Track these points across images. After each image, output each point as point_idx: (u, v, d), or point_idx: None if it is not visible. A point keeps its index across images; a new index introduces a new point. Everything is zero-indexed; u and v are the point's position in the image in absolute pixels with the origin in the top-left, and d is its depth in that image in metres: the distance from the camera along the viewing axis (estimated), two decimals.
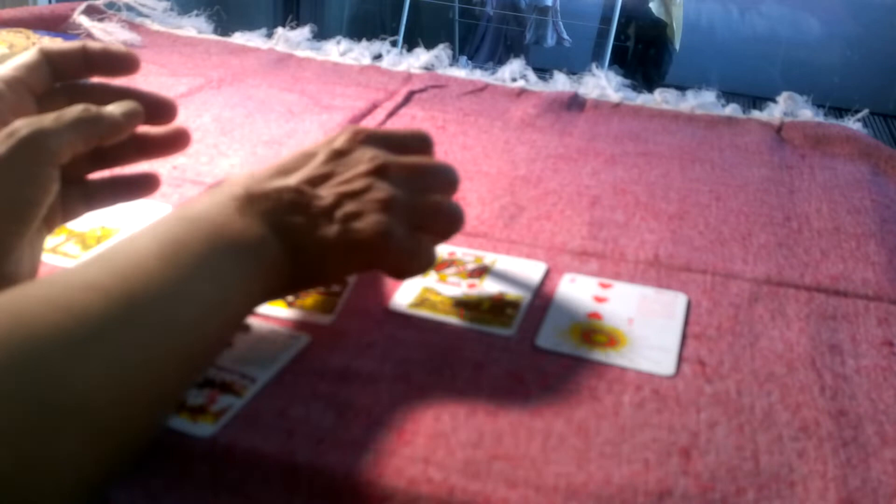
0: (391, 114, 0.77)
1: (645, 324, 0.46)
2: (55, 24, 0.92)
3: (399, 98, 0.80)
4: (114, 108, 0.43)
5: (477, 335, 0.44)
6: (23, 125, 0.39)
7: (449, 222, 0.44)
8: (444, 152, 0.69)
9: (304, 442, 0.36)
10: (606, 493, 0.35)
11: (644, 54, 2.99)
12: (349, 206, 0.40)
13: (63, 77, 0.46)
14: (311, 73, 0.87)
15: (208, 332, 0.36)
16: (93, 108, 0.41)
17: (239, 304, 0.38)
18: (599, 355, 0.43)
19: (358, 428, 0.37)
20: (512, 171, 0.66)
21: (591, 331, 0.45)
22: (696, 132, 0.78)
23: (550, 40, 2.96)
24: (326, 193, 0.41)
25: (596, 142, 0.73)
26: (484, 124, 0.76)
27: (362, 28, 3.23)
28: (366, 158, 0.42)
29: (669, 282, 0.51)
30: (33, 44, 0.75)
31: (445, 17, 3.04)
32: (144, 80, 0.80)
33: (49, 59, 0.45)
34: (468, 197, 0.62)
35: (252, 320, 0.43)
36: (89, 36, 0.91)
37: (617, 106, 0.84)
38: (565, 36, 2.98)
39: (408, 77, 0.87)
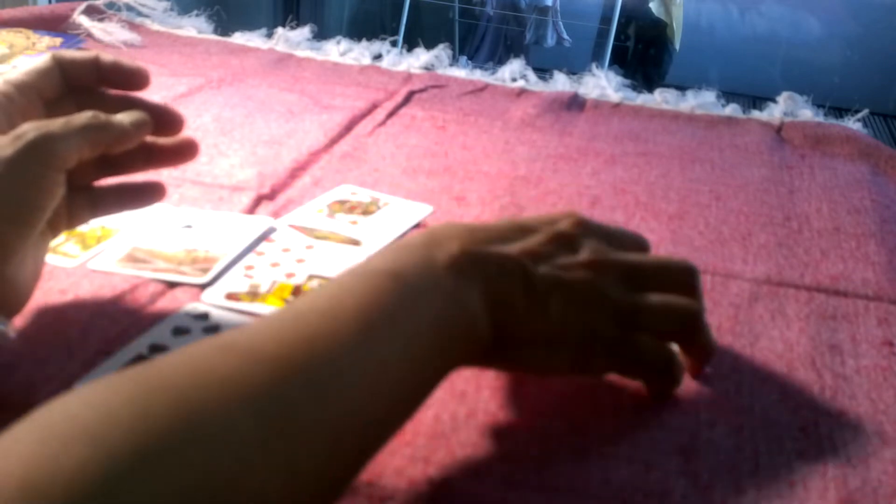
0: (391, 114, 0.77)
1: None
2: (55, 24, 0.92)
3: (399, 98, 0.80)
4: (122, 117, 0.42)
5: None
6: (30, 128, 0.38)
7: (672, 322, 0.39)
8: (445, 152, 0.69)
9: None
10: (606, 493, 0.35)
11: (644, 54, 2.99)
12: (565, 296, 0.37)
13: (74, 85, 0.46)
14: (311, 73, 0.87)
15: (395, 408, 0.32)
16: (101, 116, 0.41)
17: (436, 380, 0.34)
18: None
19: None
20: (512, 171, 0.66)
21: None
22: (696, 132, 0.78)
23: (550, 40, 2.96)
24: (544, 273, 0.37)
25: (596, 142, 0.73)
26: (484, 124, 0.76)
27: (362, 28, 3.23)
28: (589, 248, 0.39)
29: None
30: (33, 44, 0.75)
31: (445, 17, 3.04)
32: None
33: (61, 67, 0.45)
34: (468, 197, 0.62)
35: (239, 316, 0.43)
36: (89, 36, 0.91)
37: (617, 106, 0.84)
38: (565, 36, 2.98)
39: (408, 77, 0.87)
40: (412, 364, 0.32)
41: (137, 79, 0.46)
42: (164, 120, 0.46)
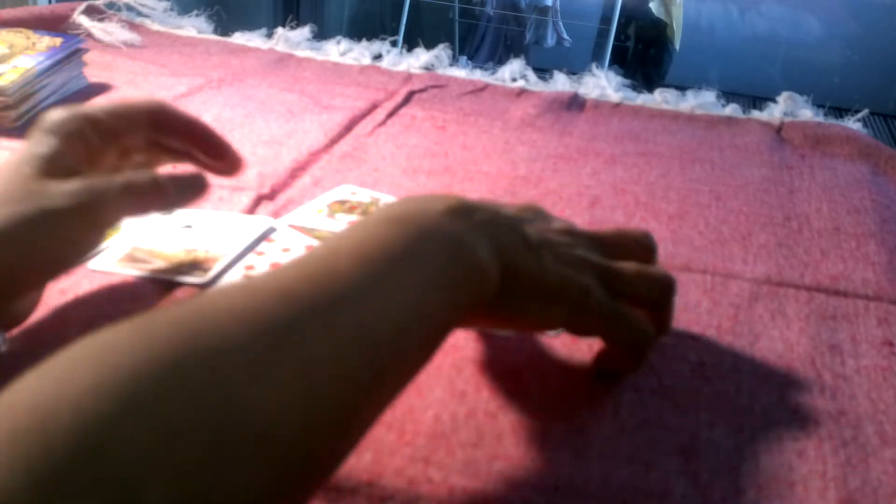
0: (391, 114, 0.77)
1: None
2: (55, 24, 0.92)
3: (399, 98, 0.80)
4: (175, 186, 0.43)
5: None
6: (84, 190, 0.39)
7: (650, 289, 0.41)
8: (445, 152, 0.69)
9: None
10: (606, 493, 0.35)
11: (644, 54, 2.99)
12: (556, 253, 0.39)
13: (159, 131, 0.46)
14: (311, 73, 0.87)
15: (407, 346, 0.32)
16: (159, 182, 0.42)
17: (444, 316, 0.34)
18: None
19: None
20: (512, 171, 0.66)
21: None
22: (696, 132, 0.78)
23: (550, 40, 2.96)
24: (533, 229, 0.39)
25: (596, 142, 0.73)
26: (484, 124, 0.76)
27: (362, 28, 3.23)
28: (558, 221, 0.42)
29: None
30: (33, 44, 0.75)
31: (445, 17, 3.04)
32: (145, 80, 0.80)
33: (159, 116, 0.45)
34: (468, 197, 0.62)
35: None
36: (89, 36, 0.91)
37: (617, 106, 0.84)
38: (565, 36, 2.98)
39: (408, 77, 0.87)
40: (416, 294, 0.32)
41: (230, 164, 0.48)
42: (225, 164, 0.47)
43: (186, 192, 0.44)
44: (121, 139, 0.44)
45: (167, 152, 0.47)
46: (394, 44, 0.97)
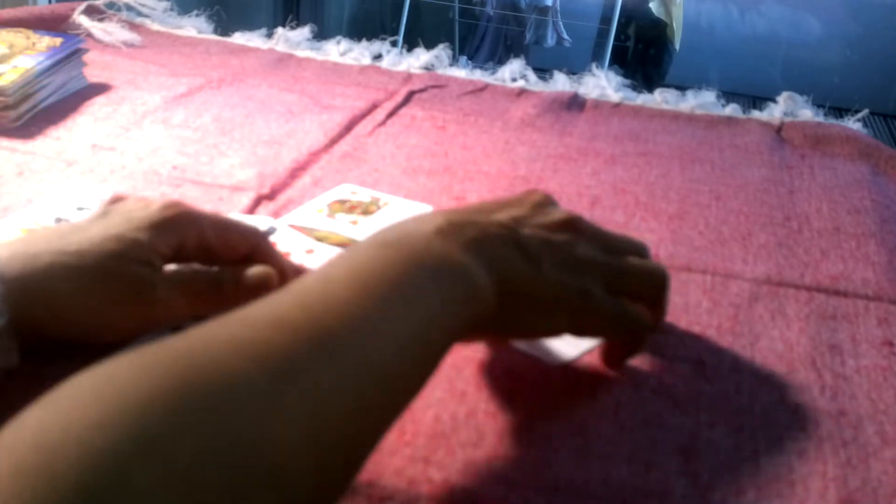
0: (391, 114, 0.77)
1: None
2: (55, 24, 0.92)
3: (399, 98, 0.80)
4: (238, 286, 0.42)
5: None
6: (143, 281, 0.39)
7: (648, 284, 0.42)
8: (445, 152, 0.69)
9: None
10: (606, 493, 0.35)
11: (644, 54, 2.99)
12: (554, 257, 0.38)
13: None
14: (311, 73, 0.87)
15: (409, 368, 0.32)
16: (220, 285, 0.42)
17: (441, 337, 0.34)
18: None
19: None
20: (512, 171, 0.66)
21: None
22: (696, 132, 0.78)
23: (550, 40, 2.96)
24: (530, 234, 0.39)
25: (596, 142, 0.73)
26: (484, 124, 0.76)
27: (362, 28, 3.22)
28: (559, 211, 0.41)
29: None
30: (33, 44, 0.75)
31: (445, 17, 3.03)
32: (145, 80, 0.80)
33: (252, 253, 0.43)
34: (468, 197, 0.62)
35: None
36: (89, 36, 0.91)
37: (617, 106, 0.84)
38: (565, 36, 2.98)
39: (408, 77, 0.87)
40: (413, 318, 0.32)
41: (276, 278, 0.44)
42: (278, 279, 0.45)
43: (250, 292, 0.41)
44: (210, 257, 0.43)
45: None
46: (394, 44, 0.97)
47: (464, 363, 0.42)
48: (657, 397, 0.41)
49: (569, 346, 0.42)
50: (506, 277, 0.36)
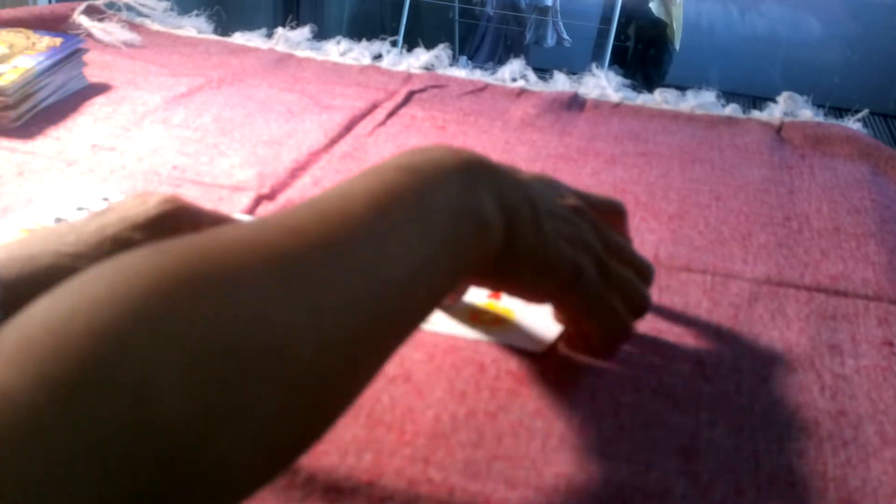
0: (391, 114, 0.77)
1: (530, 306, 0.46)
2: (55, 24, 0.92)
3: (399, 98, 0.80)
4: None
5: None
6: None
7: (636, 298, 0.42)
8: None
9: None
10: (606, 493, 0.35)
11: (644, 54, 2.98)
12: (561, 228, 0.39)
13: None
14: (311, 73, 0.87)
15: (414, 290, 0.32)
16: None
17: (449, 267, 0.34)
18: (479, 334, 0.44)
19: (358, 428, 0.37)
20: None
21: (480, 311, 0.46)
22: (696, 132, 0.78)
23: (550, 40, 2.96)
24: (545, 201, 0.40)
25: (596, 142, 0.73)
26: (484, 124, 0.76)
27: (362, 28, 3.22)
28: (571, 195, 0.42)
29: (669, 282, 0.51)
30: (33, 44, 0.75)
31: (445, 17, 3.03)
32: (145, 80, 0.80)
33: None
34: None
35: None
36: (89, 36, 0.91)
37: (617, 106, 0.84)
38: (565, 36, 2.98)
39: (408, 77, 0.87)
40: (424, 243, 0.33)
41: None
42: None
43: None
44: None
45: None
46: (394, 44, 0.97)
47: (464, 363, 0.42)
48: (657, 397, 0.41)
49: (545, 331, 0.44)
50: (513, 226, 0.37)
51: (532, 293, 0.41)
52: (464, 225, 0.35)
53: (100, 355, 0.22)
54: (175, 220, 0.41)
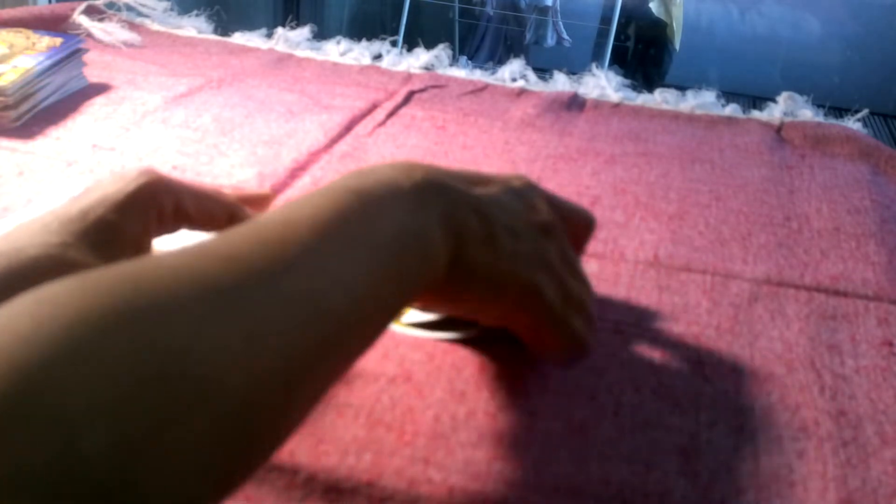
0: (391, 114, 0.77)
1: None
2: (55, 24, 0.92)
3: (399, 98, 0.80)
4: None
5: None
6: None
7: (588, 324, 0.41)
8: (445, 152, 0.69)
9: (305, 442, 0.36)
10: (606, 493, 0.35)
11: (644, 54, 2.99)
12: (519, 247, 0.38)
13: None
14: (311, 73, 0.87)
15: (356, 317, 0.31)
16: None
17: (393, 292, 0.34)
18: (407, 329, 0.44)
19: (358, 428, 0.37)
20: (512, 172, 0.66)
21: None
22: (696, 132, 0.78)
23: (550, 40, 2.96)
24: (500, 215, 0.38)
25: (596, 142, 0.73)
26: (484, 124, 0.76)
27: (362, 28, 3.22)
28: (545, 207, 0.41)
29: (669, 282, 0.51)
30: (33, 44, 0.75)
31: (445, 17, 3.03)
32: (145, 80, 0.80)
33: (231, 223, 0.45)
34: None
35: None
36: (89, 36, 0.91)
37: (617, 106, 0.84)
38: (565, 36, 2.98)
39: (408, 77, 0.87)
40: (369, 270, 0.32)
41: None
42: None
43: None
44: (190, 224, 0.44)
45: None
46: (394, 44, 0.97)
47: (464, 363, 0.42)
48: (657, 397, 0.41)
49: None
50: (463, 246, 0.36)
51: (485, 312, 0.40)
52: (409, 249, 0.34)
53: (20, 390, 0.21)
54: (153, 192, 0.41)
